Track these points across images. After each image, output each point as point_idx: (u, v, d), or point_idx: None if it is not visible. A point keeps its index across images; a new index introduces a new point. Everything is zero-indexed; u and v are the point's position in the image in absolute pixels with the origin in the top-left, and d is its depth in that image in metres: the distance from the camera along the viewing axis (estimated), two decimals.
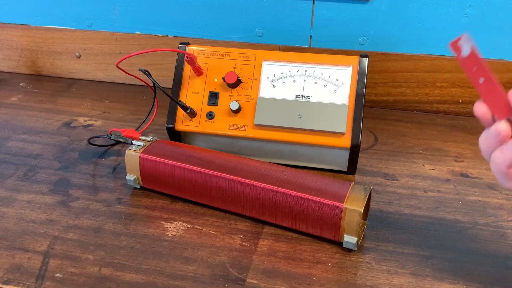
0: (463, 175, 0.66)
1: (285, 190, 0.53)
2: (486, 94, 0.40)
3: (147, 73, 0.60)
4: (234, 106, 0.63)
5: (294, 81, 0.63)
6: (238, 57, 0.65)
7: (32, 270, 0.50)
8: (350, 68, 0.63)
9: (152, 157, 0.59)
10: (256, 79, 0.64)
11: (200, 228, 0.56)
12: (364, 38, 0.80)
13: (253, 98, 0.64)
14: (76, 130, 0.77)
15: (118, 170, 0.67)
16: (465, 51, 0.41)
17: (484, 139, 0.41)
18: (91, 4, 0.88)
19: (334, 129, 0.60)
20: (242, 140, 0.65)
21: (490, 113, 0.40)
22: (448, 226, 0.56)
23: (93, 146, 0.72)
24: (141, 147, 0.61)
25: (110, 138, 0.69)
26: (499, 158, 0.39)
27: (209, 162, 0.57)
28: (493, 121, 0.40)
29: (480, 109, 0.40)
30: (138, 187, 0.62)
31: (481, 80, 0.40)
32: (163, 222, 0.57)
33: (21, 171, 0.66)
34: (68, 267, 0.50)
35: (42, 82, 0.95)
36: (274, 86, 0.64)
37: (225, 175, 0.56)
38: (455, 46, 0.42)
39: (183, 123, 0.65)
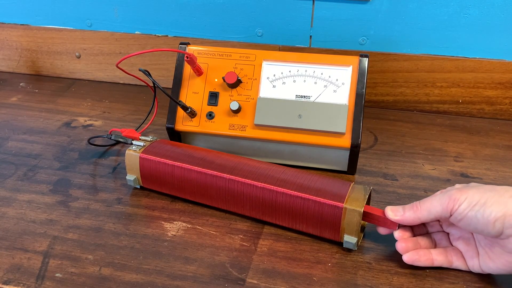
0: (463, 175, 0.66)
1: (285, 190, 0.53)
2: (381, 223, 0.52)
3: (147, 73, 0.60)
4: (234, 106, 0.63)
5: (294, 81, 0.63)
6: (238, 57, 0.65)
7: (32, 270, 0.50)
8: (350, 68, 0.62)
9: (152, 157, 0.59)
10: (256, 79, 0.64)
11: (200, 228, 0.56)
12: (364, 38, 0.80)
13: (253, 98, 0.64)
14: (76, 130, 0.77)
15: (118, 170, 0.67)
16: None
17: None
18: (91, 4, 0.88)
19: (334, 129, 0.60)
20: (242, 140, 0.65)
21: (389, 230, 0.51)
22: None
23: (93, 146, 0.72)
24: (141, 147, 0.61)
25: (110, 138, 0.69)
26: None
27: (209, 162, 0.57)
28: None
29: (381, 231, 0.52)
30: (138, 187, 0.62)
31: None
32: (163, 222, 0.57)
33: (21, 171, 0.66)
34: (68, 267, 0.50)
35: (42, 82, 0.95)
36: (274, 86, 0.64)
37: (225, 175, 0.56)
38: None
39: (183, 123, 0.65)
